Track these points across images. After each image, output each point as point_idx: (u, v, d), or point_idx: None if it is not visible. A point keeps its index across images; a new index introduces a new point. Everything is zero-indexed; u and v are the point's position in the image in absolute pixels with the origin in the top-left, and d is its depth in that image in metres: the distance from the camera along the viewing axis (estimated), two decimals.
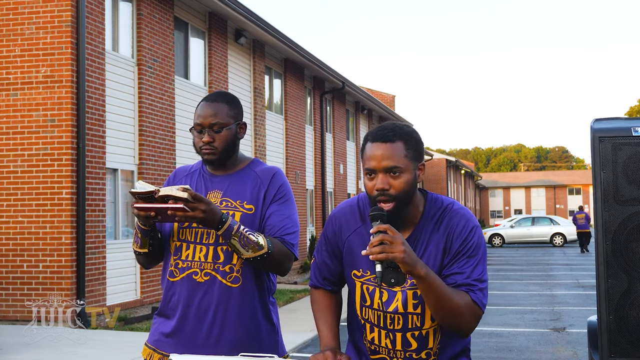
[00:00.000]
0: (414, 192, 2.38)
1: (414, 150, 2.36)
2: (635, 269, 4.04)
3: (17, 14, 10.53)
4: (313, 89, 22.55)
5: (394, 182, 2.31)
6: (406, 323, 2.38)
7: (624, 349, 4.05)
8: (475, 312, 2.29)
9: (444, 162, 52.25)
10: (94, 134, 10.75)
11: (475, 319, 2.30)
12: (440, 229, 2.36)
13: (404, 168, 2.32)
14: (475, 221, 2.41)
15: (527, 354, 8.50)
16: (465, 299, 2.27)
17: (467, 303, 2.27)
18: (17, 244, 10.33)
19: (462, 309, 2.26)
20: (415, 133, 2.40)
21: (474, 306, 2.28)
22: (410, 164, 2.34)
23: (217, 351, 2.73)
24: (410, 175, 2.33)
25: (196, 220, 2.62)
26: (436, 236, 2.36)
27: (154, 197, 2.62)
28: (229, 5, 14.42)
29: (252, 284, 2.79)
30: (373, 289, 2.42)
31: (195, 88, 14.48)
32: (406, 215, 2.36)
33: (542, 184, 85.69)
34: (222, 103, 2.86)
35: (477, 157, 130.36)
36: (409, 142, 2.35)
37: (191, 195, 2.58)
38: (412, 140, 2.37)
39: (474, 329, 2.34)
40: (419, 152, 2.39)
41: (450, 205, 2.41)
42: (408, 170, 2.33)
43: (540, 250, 31.99)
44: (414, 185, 2.35)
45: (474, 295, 2.29)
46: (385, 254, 2.12)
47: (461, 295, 2.27)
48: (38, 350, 8.03)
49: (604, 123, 4.24)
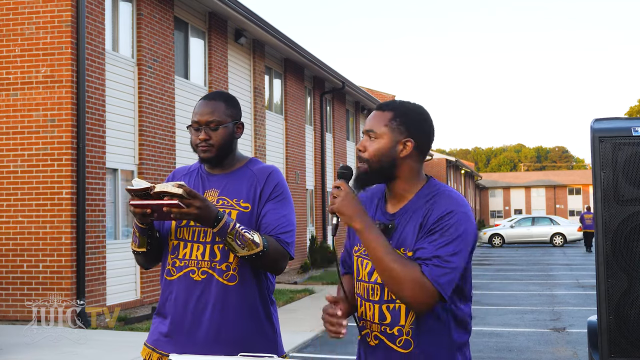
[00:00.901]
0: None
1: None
2: (635, 269, 4.04)
3: (17, 14, 10.53)
4: (313, 89, 22.55)
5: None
6: (383, 294, 2.40)
7: (624, 349, 4.06)
8: (423, 286, 2.22)
9: (444, 162, 52.25)
10: (94, 134, 10.75)
11: (422, 293, 2.22)
12: (425, 206, 2.38)
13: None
14: (461, 207, 2.34)
15: (527, 354, 8.50)
16: (411, 268, 2.24)
17: (412, 272, 2.23)
18: (17, 244, 10.33)
19: (401, 276, 2.23)
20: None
21: (421, 278, 2.23)
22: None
23: (215, 350, 2.73)
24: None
25: (191, 217, 2.62)
26: (419, 212, 2.38)
27: (149, 194, 2.62)
28: (229, 5, 14.42)
29: (249, 282, 2.79)
30: (362, 261, 2.48)
31: (195, 88, 14.48)
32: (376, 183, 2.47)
33: (542, 184, 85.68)
34: (220, 101, 2.87)
35: (477, 157, 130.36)
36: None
37: (186, 191, 2.59)
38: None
39: (424, 305, 2.24)
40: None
41: (444, 189, 2.42)
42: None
43: (540, 250, 31.99)
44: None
45: (426, 267, 2.24)
46: (331, 206, 2.35)
47: (408, 264, 2.25)
48: (38, 350, 8.03)
49: (604, 123, 4.24)
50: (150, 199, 2.62)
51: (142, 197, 2.63)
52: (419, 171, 2.46)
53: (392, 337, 2.38)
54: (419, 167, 2.45)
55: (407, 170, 2.42)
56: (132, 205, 2.63)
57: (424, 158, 2.47)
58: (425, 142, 2.44)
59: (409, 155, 2.41)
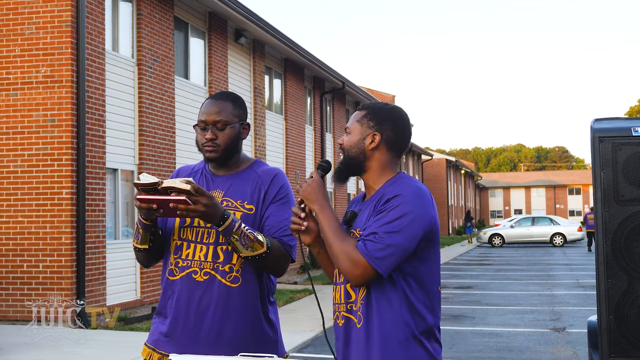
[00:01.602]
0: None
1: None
2: (635, 269, 4.04)
3: (17, 14, 10.53)
4: (313, 89, 22.55)
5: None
6: (341, 275, 2.55)
7: (624, 349, 4.06)
8: (355, 259, 2.38)
9: (444, 162, 52.25)
10: (94, 134, 10.75)
11: (350, 265, 2.38)
12: (381, 192, 2.53)
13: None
14: (409, 190, 2.45)
15: (527, 354, 8.50)
16: (347, 243, 2.42)
17: (347, 247, 2.40)
18: (17, 244, 10.33)
19: (338, 251, 2.41)
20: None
21: (353, 251, 2.39)
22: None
23: (216, 350, 2.73)
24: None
25: (197, 214, 2.61)
26: (376, 198, 2.53)
27: (157, 190, 2.61)
28: (229, 5, 14.42)
29: (251, 283, 2.79)
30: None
31: (195, 88, 14.48)
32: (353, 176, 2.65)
33: (542, 184, 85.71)
34: (227, 102, 2.87)
35: (477, 157, 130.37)
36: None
37: (194, 188, 2.58)
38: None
39: (358, 278, 2.38)
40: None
41: (406, 179, 2.54)
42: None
43: (540, 250, 31.99)
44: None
45: (360, 243, 2.40)
46: (296, 189, 2.58)
47: (347, 239, 2.43)
48: (38, 350, 8.03)
49: (604, 123, 4.24)
50: (157, 194, 2.61)
51: (149, 192, 2.62)
52: (390, 166, 2.59)
53: (352, 312, 2.50)
54: (389, 161, 2.58)
55: (376, 163, 2.57)
56: (138, 200, 2.62)
57: (396, 154, 2.60)
58: (395, 138, 2.57)
59: (377, 148, 2.56)
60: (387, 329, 2.42)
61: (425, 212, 2.43)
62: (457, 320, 11.18)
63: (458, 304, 13.21)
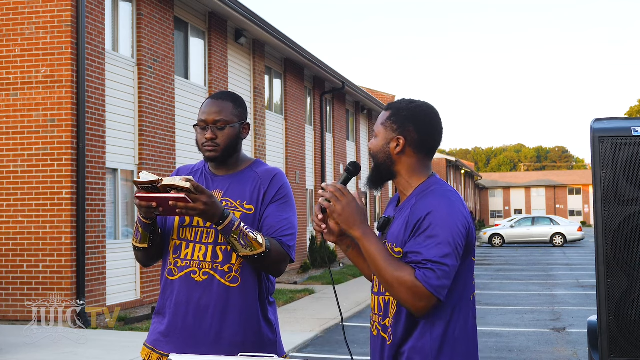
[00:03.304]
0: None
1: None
2: (635, 269, 4.04)
3: (17, 14, 10.53)
4: (313, 89, 22.55)
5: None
6: (380, 286, 2.47)
7: (624, 349, 4.06)
8: (416, 289, 2.25)
9: (444, 162, 52.28)
10: (94, 134, 10.75)
11: (414, 297, 2.25)
12: (413, 203, 2.41)
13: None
14: (440, 205, 2.33)
15: (527, 354, 8.50)
16: (404, 272, 2.27)
17: (406, 278, 2.26)
18: (17, 244, 10.33)
19: (397, 283, 2.27)
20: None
21: (413, 281, 2.25)
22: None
23: (215, 350, 2.73)
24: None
25: (197, 213, 2.61)
26: (408, 209, 2.41)
27: (156, 188, 2.61)
28: (229, 5, 14.42)
29: (250, 284, 2.79)
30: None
31: (195, 88, 14.48)
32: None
33: (542, 184, 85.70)
34: (228, 101, 2.87)
35: (477, 157, 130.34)
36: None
37: (194, 186, 2.58)
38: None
39: (418, 308, 2.27)
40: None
41: (436, 187, 2.42)
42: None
43: (540, 250, 32.00)
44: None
45: (419, 272, 2.26)
46: (330, 211, 2.40)
47: (402, 268, 2.28)
48: (38, 350, 8.03)
49: (604, 123, 4.24)
50: (157, 192, 2.61)
51: (149, 190, 2.61)
52: (420, 168, 2.47)
53: (385, 328, 2.44)
54: (418, 164, 2.47)
55: (404, 167, 2.46)
56: (138, 198, 2.62)
57: (426, 155, 2.48)
58: (421, 138, 2.45)
59: (404, 152, 2.45)
60: (416, 355, 2.36)
61: (462, 224, 2.32)
62: None
63: None
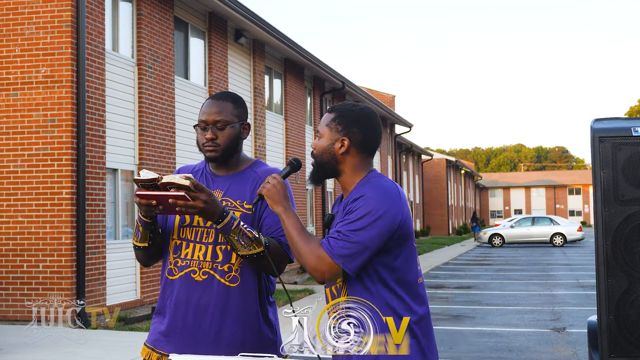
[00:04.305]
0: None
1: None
2: (635, 269, 4.04)
3: (17, 14, 10.53)
4: (313, 89, 22.55)
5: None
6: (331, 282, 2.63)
7: (624, 349, 4.06)
8: (319, 257, 2.45)
9: (444, 162, 52.27)
10: (94, 134, 10.75)
11: (317, 260, 2.45)
12: (350, 194, 2.58)
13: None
14: (373, 190, 2.50)
15: (527, 354, 8.49)
16: (314, 243, 2.49)
17: (311, 246, 2.47)
18: (17, 244, 10.33)
19: (303, 250, 2.48)
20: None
21: (318, 247, 2.46)
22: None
23: (215, 350, 2.73)
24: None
25: (196, 211, 2.62)
26: (346, 200, 2.58)
27: (156, 186, 2.61)
28: (229, 5, 14.42)
29: (250, 283, 2.79)
30: None
31: (195, 88, 14.48)
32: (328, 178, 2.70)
33: (542, 184, 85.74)
34: (228, 102, 2.88)
35: (477, 157, 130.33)
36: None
37: (193, 184, 2.59)
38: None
39: (321, 272, 2.45)
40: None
41: (374, 179, 2.59)
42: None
43: (540, 250, 31.99)
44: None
45: (324, 240, 2.47)
46: (260, 189, 2.65)
47: (311, 240, 2.51)
48: (38, 350, 8.03)
49: (604, 123, 4.24)
50: (157, 190, 2.61)
51: (149, 189, 2.62)
52: (362, 167, 2.64)
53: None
54: (361, 163, 2.63)
55: (348, 166, 2.63)
56: (138, 196, 2.63)
57: (369, 155, 2.65)
58: (364, 139, 2.61)
59: (348, 152, 2.61)
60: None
61: (389, 210, 2.47)
62: (457, 320, 11.17)
63: (458, 304, 13.21)
